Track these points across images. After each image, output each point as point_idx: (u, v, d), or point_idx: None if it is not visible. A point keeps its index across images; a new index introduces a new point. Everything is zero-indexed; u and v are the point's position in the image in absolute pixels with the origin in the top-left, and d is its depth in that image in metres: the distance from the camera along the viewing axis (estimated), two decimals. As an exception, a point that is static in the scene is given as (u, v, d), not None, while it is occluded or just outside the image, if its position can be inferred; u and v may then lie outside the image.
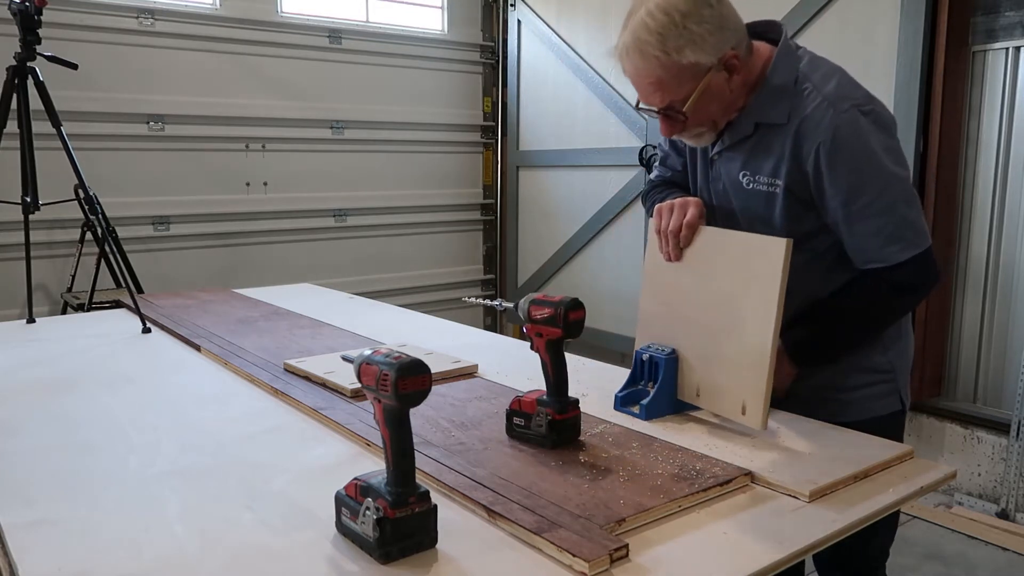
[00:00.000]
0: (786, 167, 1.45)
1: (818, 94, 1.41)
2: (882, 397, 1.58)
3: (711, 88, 1.42)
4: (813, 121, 1.40)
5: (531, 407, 1.34)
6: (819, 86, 1.42)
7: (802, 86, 1.43)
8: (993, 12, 3.20)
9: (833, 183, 1.41)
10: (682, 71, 1.39)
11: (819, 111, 1.40)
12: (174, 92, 4.22)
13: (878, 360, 1.57)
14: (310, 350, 1.99)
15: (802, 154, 1.42)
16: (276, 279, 4.17)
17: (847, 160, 1.39)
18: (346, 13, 4.82)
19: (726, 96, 1.45)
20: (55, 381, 1.77)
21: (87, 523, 1.07)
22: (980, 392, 3.42)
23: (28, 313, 2.52)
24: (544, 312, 1.33)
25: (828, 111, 1.39)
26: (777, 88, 1.45)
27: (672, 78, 1.40)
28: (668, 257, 1.51)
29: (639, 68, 1.42)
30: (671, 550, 1.01)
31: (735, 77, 1.43)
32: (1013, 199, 3.24)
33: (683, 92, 1.42)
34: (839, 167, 1.40)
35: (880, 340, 1.56)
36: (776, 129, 1.46)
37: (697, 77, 1.40)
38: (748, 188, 1.52)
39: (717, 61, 1.39)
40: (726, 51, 1.40)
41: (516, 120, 5.21)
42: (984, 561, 2.96)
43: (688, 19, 1.36)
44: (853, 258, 1.47)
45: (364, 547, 0.99)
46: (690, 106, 1.42)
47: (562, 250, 4.96)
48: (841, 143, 1.38)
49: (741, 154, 1.52)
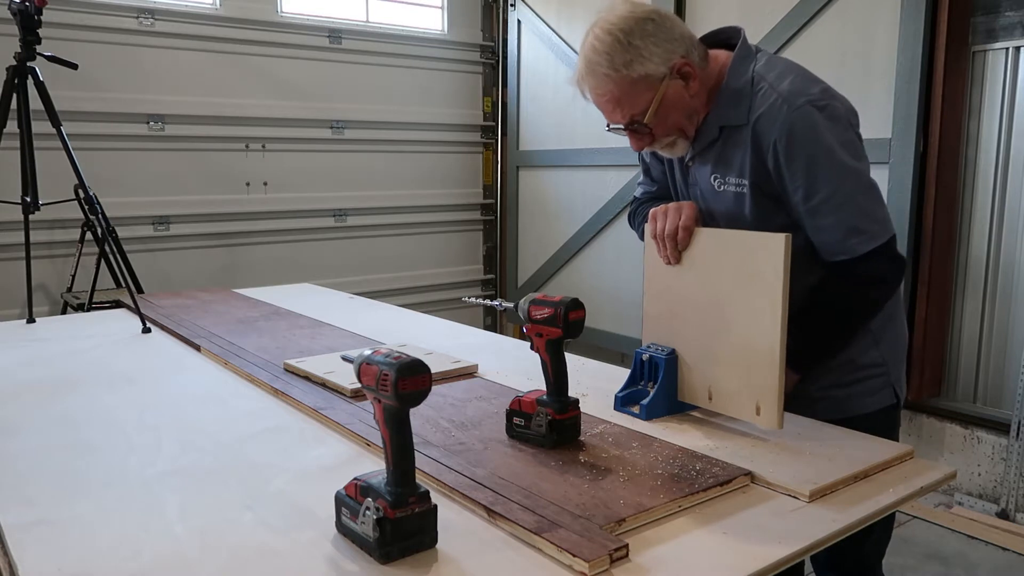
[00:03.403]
0: (749, 165, 1.49)
1: (772, 91, 1.44)
2: (875, 392, 1.59)
3: (668, 97, 1.47)
4: (769, 118, 1.43)
5: (531, 407, 1.34)
6: (774, 84, 1.45)
7: (758, 86, 1.47)
8: (993, 12, 3.20)
9: (792, 179, 1.44)
10: (635, 84, 1.45)
11: (774, 108, 1.43)
12: (174, 92, 4.22)
13: (870, 355, 1.58)
14: (310, 350, 1.99)
15: (762, 150, 1.46)
16: (276, 279, 4.18)
17: (803, 156, 1.42)
18: (346, 13, 4.82)
19: (686, 103, 1.49)
20: (55, 381, 1.77)
21: (87, 523, 1.07)
22: (980, 392, 3.42)
23: (28, 313, 2.52)
24: (544, 312, 1.33)
25: (783, 108, 1.42)
26: (735, 91, 1.49)
27: (626, 93, 1.46)
28: (667, 261, 1.51)
29: (595, 88, 1.49)
30: (671, 550, 1.01)
31: (692, 84, 1.48)
32: (1013, 199, 3.24)
33: (641, 105, 1.47)
34: (796, 163, 1.43)
35: (869, 334, 1.56)
36: (738, 130, 1.49)
37: (652, 88, 1.45)
38: (720, 191, 1.55)
39: (668, 70, 1.45)
40: (675, 60, 1.45)
41: (516, 120, 5.21)
42: (984, 561, 2.96)
43: (631, 36, 1.43)
44: (821, 252, 1.49)
45: (364, 547, 0.99)
46: (650, 116, 1.47)
47: (562, 250, 4.96)
48: (796, 139, 1.41)
49: (710, 159, 1.56)
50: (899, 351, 1.64)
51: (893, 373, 1.61)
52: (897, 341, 1.63)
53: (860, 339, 1.56)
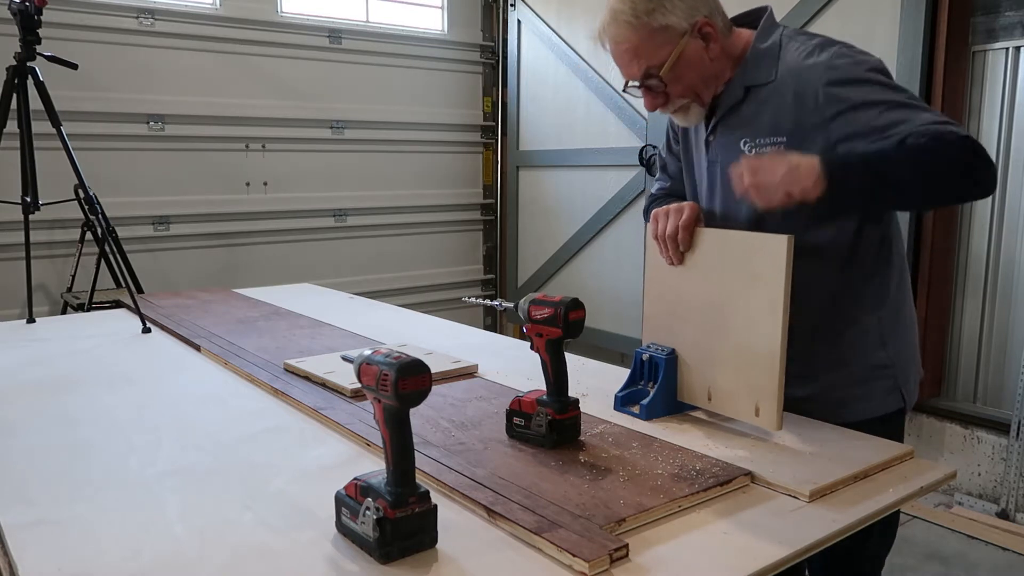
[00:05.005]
0: (790, 118, 1.44)
1: (803, 47, 1.44)
2: (882, 395, 1.54)
3: (687, 55, 1.46)
4: (807, 68, 1.42)
5: (531, 407, 1.34)
6: (804, 43, 1.46)
7: (786, 47, 1.47)
8: (993, 12, 3.20)
9: (854, 106, 1.36)
10: (654, 34, 1.44)
11: (811, 59, 1.42)
12: (174, 92, 4.22)
13: (876, 356, 1.53)
14: (310, 350, 1.99)
15: (805, 98, 1.42)
16: (276, 279, 4.18)
17: (857, 83, 1.38)
18: (346, 13, 4.82)
19: (705, 65, 1.48)
20: (55, 381, 1.77)
21: (87, 523, 1.07)
22: (980, 392, 3.42)
23: (28, 313, 2.53)
24: (544, 312, 1.33)
25: (820, 55, 1.41)
26: (762, 51, 1.49)
27: (645, 42, 1.45)
28: (670, 261, 1.50)
29: (615, 37, 1.48)
30: (671, 550, 1.01)
31: (712, 46, 1.47)
32: (1013, 199, 3.24)
33: (659, 57, 1.46)
34: (852, 90, 1.38)
35: (877, 333, 1.52)
36: (766, 88, 1.48)
37: (672, 41, 1.45)
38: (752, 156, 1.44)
39: (690, 27, 1.45)
40: (698, 18, 1.45)
41: (516, 120, 5.21)
42: (984, 561, 2.96)
43: None
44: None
45: (364, 547, 0.99)
46: (666, 70, 1.46)
47: (562, 250, 4.96)
48: (844, 73, 1.39)
49: (737, 124, 1.53)
50: (908, 353, 1.59)
51: (901, 376, 1.55)
52: (907, 342, 1.58)
53: (864, 338, 1.53)
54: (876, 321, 1.53)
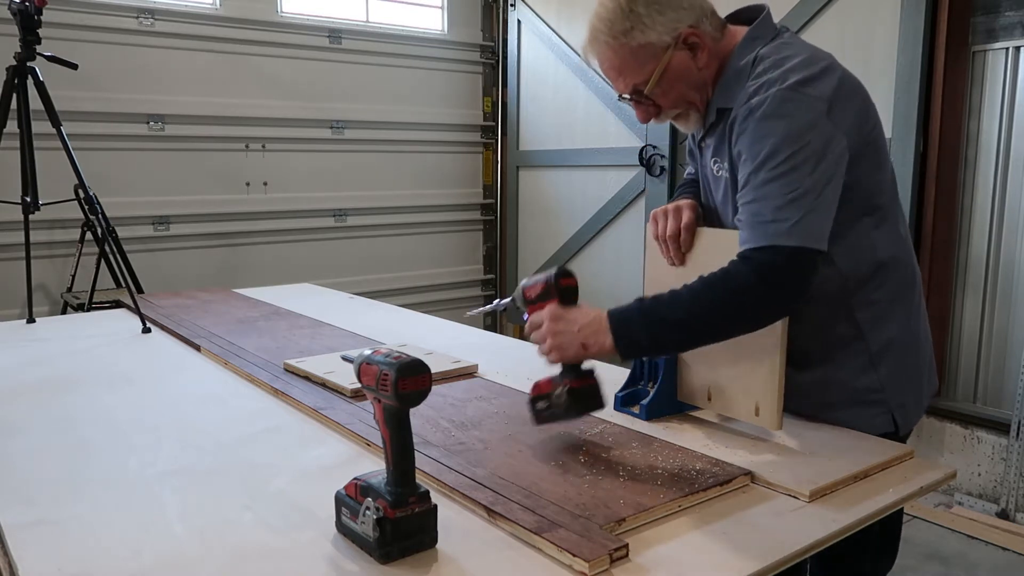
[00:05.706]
0: (725, 150, 1.41)
1: (763, 76, 1.32)
2: (868, 419, 1.44)
3: (673, 68, 1.39)
4: (745, 98, 1.33)
5: (549, 386, 1.35)
6: (768, 69, 1.33)
7: (755, 68, 1.36)
8: (993, 12, 3.20)
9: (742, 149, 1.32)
10: (635, 53, 1.38)
11: (753, 89, 1.32)
12: (174, 92, 4.22)
13: (865, 378, 1.43)
14: (310, 350, 1.99)
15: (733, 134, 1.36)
16: (276, 279, 4.18)
17: (761, 134, 1.29)
18: (346, 13, 4.82)
19: (693, 75, 1.41)
20: (55, 381, 1.77)
21: (87, 523, 1.07)
22: (980, 392, 3.42)
23: (28, 313, 2.52)
24: (537, 288, 1.36)
25: (761, 90, 1.30)
26: (735, 71, 1.40)
27: (626, 62, 1.40)
28: (671, 262, 1.49)
29: (598, 57, 1.44)
30: (671, 550, 1.01)
31: (701, 55, 1.40)
32: (1013, 199, 3.24)
33: (643, 74, 1.40)
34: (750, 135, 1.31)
35: (866, 356, 1.42)
36: (730, 112, 1.40)
37: (655, 57, 1.38)
38: (718, 175, 1.47)
39: (673, 40, 1.37)
40: (681, 29, 1.37)
41: (516, 120, 5.21)
42: (984, 561, 2.96)
43: (635, 3, 1.36)
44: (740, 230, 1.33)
45: (364, 547, 0.99)
46: (651, 87, 1.40)
47: (562, 250, 4.96)
48: (762, 111, 1.29)
49: (712, 142, 1.48)
50: (905, 378, 1.46)
51: (894, 400, 1.44)
52: (904, 367, 1.46)
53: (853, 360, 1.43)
54: (864, 345, 1.43)
